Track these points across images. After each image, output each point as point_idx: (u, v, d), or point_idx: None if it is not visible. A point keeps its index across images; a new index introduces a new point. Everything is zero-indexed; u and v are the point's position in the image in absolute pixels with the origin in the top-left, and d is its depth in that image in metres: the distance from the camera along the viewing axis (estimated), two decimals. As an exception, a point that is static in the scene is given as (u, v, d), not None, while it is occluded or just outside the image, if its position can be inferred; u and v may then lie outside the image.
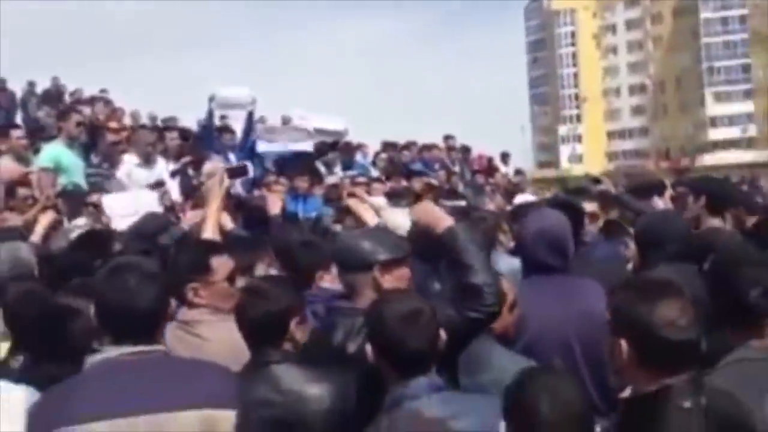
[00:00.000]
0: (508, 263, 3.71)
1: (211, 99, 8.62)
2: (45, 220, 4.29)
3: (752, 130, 76.12)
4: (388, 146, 11.38)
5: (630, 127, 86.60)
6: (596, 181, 5.63)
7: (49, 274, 3.53)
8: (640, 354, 1.88)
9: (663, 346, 1.85)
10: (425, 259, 2.96)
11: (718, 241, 3.52)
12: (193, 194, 5.83)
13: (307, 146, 9.52)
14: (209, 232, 3.89)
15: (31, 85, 15.40)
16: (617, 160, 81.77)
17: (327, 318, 2.78)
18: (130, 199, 5.92)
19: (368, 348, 2.23)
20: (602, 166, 71.63)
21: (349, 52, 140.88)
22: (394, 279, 2.58)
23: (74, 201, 5.61)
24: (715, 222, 4.05)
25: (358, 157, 10.72)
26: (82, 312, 2.45)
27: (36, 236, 4.16)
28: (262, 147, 9.09)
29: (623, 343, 1.90)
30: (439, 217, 2.63)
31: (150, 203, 5.76)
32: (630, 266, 3.80)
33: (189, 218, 4.48)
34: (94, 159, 7.38)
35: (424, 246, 2.83)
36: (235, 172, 4.22)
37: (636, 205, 4.89)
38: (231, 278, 2.94)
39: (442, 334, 2.23)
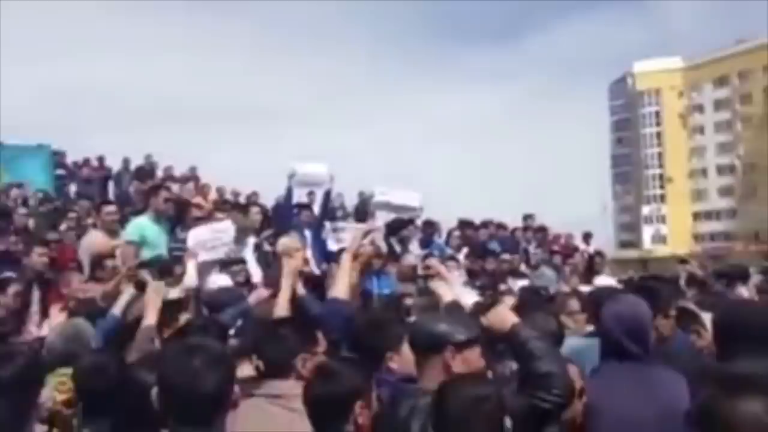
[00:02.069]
0: (567, 345, 3.59)
1: (291, 176, 8.77)
2: (127, 293, 4.38)
3: None
4: (464, 224, 11.33)
5: (717, 209, 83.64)
6: (683, 261, 5.48)
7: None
8: None
9: None
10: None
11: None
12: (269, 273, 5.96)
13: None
14: (282, 308, 3.95)
15: (126, 162, 16.20)
16: (704, 242, 78.87)
17: (391, 398, 2.74)
18: (209, 233, 6.36)
19: None
20: (688, 248, 69.16)
21: (429, 129, 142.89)
22: (464, 361, 2.56)
23: (160, 272, 5.76)
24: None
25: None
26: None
27: (117, 309, 4.25)
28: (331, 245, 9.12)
29: None
30: (507, 317, 2.68)
31: (226, 236, 6.15)
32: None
33: (256, 296, 4.55)
34: (180, 233, 7.62)
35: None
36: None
37: (721, 291, 4.67)
38: (327, 352, 3.09)
39: (507, 422, 2.14)
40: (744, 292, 5.29)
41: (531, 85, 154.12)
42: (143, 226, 6.65)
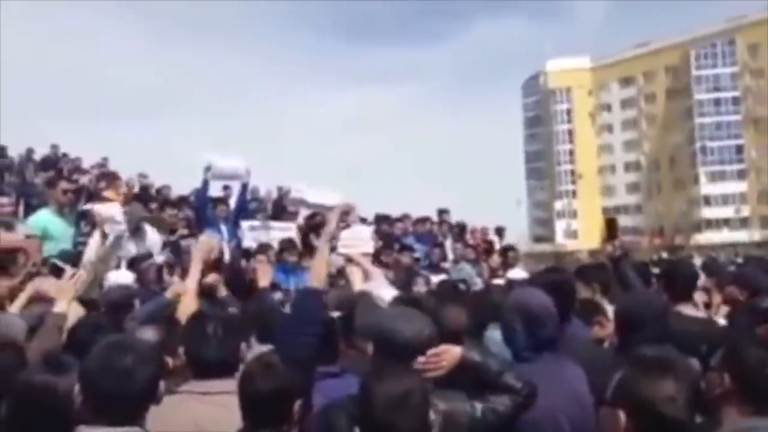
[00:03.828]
0: (492, 335, 3.65)
1: (207, 169, 8.54)
2: (26, 292, 4.17)
3: (745, 210, 76.58)
4: (381, 219, 11.38)
5: (625, 204, 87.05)
6: (611, 221, 5.62)
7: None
8: (638, 427, 1.93)
9: (661, 422, 1.91)
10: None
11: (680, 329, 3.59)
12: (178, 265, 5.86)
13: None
14: (190, 305, 3.88)
15: (30, 152, 15.49)
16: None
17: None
18: (111, 209, 6.34)
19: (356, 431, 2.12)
20: (597, 242, 71.86)
21: (344, 124, 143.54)
22: None
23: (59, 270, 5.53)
24: (683, 307, 4.05)
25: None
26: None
27: (14, 307, 4.05)
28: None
29: (622, 415, 1.94)
30: (454, 353, 2.62)
31: (118, 215, 6.25)
32: (606, 345, 3.76)
33: (174, 288, 4.46)
34: (84, 227, 7.34)
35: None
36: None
37: (633, 281, 4.85)
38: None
39: (432, 416, 2.14)
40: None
41: (447, 81, 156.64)
42: (45, 219, 6.40)
